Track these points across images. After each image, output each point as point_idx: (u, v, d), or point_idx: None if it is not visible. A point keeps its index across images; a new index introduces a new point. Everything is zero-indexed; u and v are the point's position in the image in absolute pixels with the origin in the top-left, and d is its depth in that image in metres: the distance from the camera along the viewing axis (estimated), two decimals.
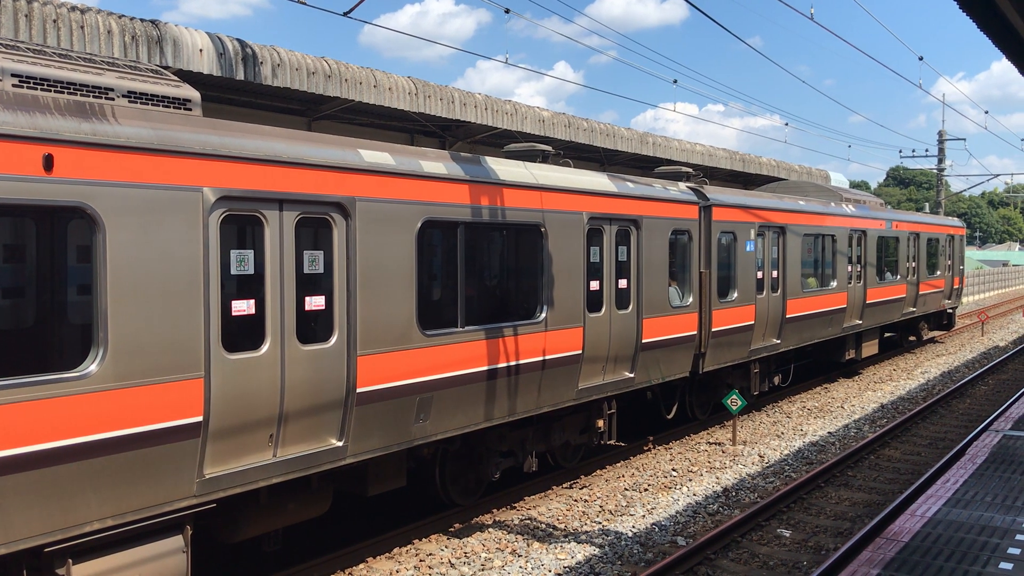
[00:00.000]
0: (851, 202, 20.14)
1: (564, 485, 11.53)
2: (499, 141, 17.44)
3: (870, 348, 21.35)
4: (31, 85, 5.95)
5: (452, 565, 8.56)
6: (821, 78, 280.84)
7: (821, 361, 19.96)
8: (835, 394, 18.55)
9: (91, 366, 5.91)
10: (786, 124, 31.21)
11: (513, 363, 9.53)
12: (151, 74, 6.96)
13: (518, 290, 9.99)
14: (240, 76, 11.57)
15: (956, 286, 27.45)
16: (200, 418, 6.51)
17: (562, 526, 9.80)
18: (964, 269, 29.53)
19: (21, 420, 5.52)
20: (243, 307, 6.95)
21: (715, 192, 14.22)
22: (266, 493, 7.56)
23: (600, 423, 11.54)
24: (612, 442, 11.86)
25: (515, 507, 10.53)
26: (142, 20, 10.54)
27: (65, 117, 5.82)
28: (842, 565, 8.38)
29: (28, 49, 6.27)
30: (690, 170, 14.89)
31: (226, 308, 6.82)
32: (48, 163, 5.62)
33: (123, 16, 10.31)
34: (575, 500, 10.76)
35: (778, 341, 16.00)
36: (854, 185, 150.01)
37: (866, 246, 19.93)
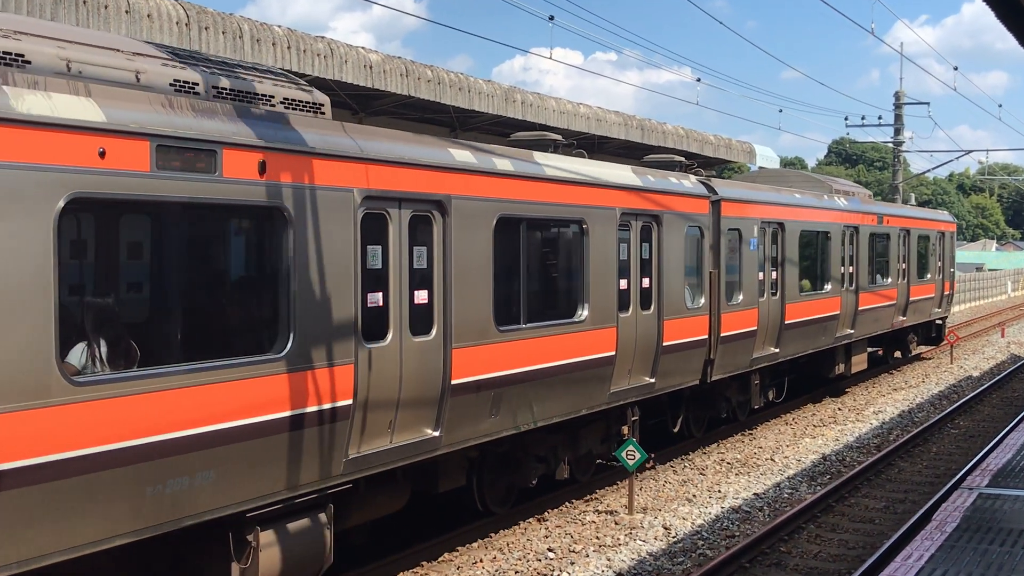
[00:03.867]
0: (841, 194, 25.11)
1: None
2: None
3: (860, 362, 26.27)
4: (224, 96, 9.24)
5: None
6: (742, 19, 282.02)
7: (808, 376, 24.18)
8: (762, 442, 19.50)
9: (285, 348, 9.26)
10: (698, 80, 30.83)
11: (560, 363, 13.38)
12: (286, 79, 10.34)
13: (564, 288, 13.99)
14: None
15: (947, 292, 32.94)
16: (351, 401, 9.95)
17: None
18: (955, 272, 35.47)
19: (239, 397, 8.81)
20: (377, 300, 10.44)
21: (722, 185, 18.58)
22: (364, 483, 10.96)
23: (625, 430, 15.55)
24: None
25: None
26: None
27: (269, 126, 9.17)
28: None
29: (191, 57, 9.55)
30: (683, 159, 19.05)
31: (364, 300, 10.26)
32: (262, 168, 8.96)
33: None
34: None
35: (776, 350, 20.55)
36: (787, 163, 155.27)
37: (858, 245, 24.84)
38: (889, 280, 27.31)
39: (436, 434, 11.41)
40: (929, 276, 31.12)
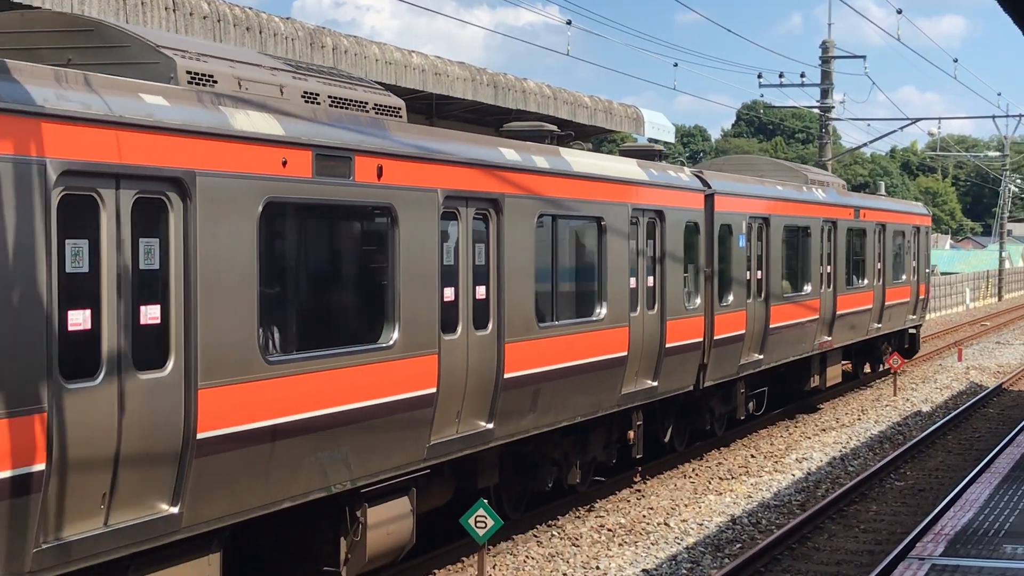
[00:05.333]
0: (818, 185, 28.37)
1: None
2: None
3: (834, 374, 28.93)
4: (339, 105, 12.44)
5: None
6: None
7: (777, 391, 26.48)
8: (653, 501, 18.94)
9: (392, 337, 12.50)
10: (568, 23, 28.49)
11: (583, 361, 16.75)
12: (363, 84, 13.60)
13: (586, 286, 17.30)
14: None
15: (922, 296, 35.46)
16: (435, 389, 13.22)
17: None
18: (930, 273, 38.02)
19: (366, 379, 12.02)
20: (450, 295, 13.73)
21: (714, 178, 22.29)
22: (430, 471, 14.22)
23: (631, 434, 19.05)
24: (640, 456, 19.47)
25: None
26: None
27: (379, 133, 12.42)
28: None
29: (299, 67, 12.74)
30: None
31: (441, 295, 13.55)
32: (380, 172, 12.22)
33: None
34: None
35: (761, 356, 23.71)
36: (685, 133, 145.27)
37: (836, 241, 28.02)
38: (865, 282, 30.05)
39: (490, 426, 14.54)
40: (904, 277, 33.74)
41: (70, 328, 8.80)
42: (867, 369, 33.93)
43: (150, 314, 9.50)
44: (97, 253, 9.05)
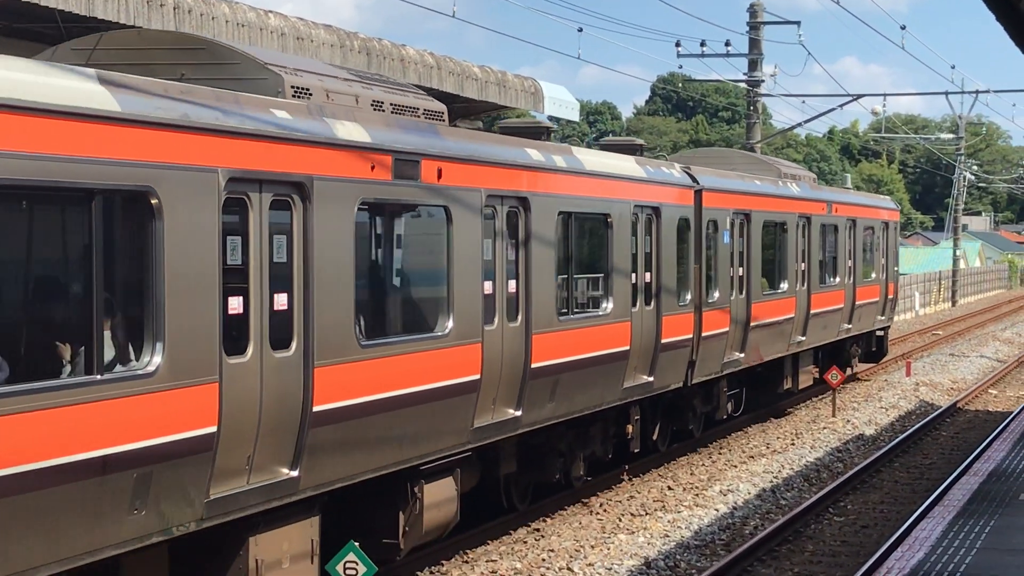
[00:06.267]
0: (791, 179, 31.47)
1: None
2: None
3: (806, 377, 31.75)
4: (398, 112, 15.55)
5: None
6: None
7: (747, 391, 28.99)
8: (554, 541, 18.62)
9: (447, 326, 15.63)
10: None
11: (593, 354, 19.95)
12: (412, 90, 16.74)
13: (595, 281, 20.52)
14: None
15: (891, 296, 38.50)
16: (479, 376, 16.34)
17: None
18: (899, 271, 40.67)
19: (422, 366, 15.15)
20: (488, 288, 16.84)
21: (700, 173, 25.58)
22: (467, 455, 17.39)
23: (629, 428, 22.31)
24: (636, 451, 22.74)
25: None
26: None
27: (435, 137, 15.57)
28: None
29: (363, 75, 15.86)
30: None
31: (482, 288, 16.72)
32: (439, 174, 15.36)
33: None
34: None
35: (741, 355, 26.75)
36: (592, 110, 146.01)
37: (810, 237, 31.21)
38: (837, 280, 32.96)
39: (518, 414, 17.52)
40: (874, 276, 36.74)
41: (230, 312, 11.87)
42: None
43: (280, 301, 12.54)
44: (247, 248, 12.10)
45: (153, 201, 10.83)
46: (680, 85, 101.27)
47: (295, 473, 12.76)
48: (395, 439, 14.56)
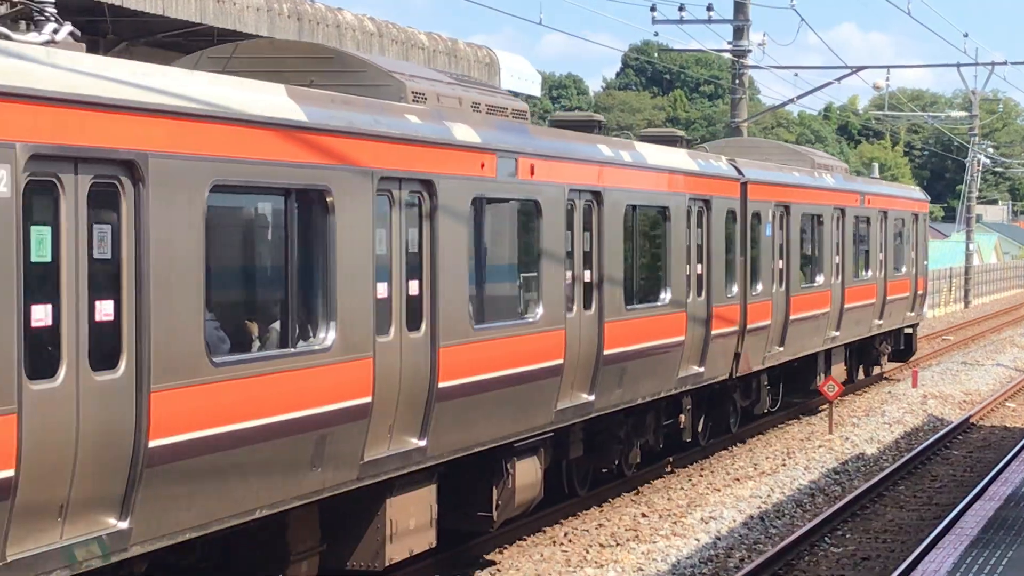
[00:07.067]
0: (825, 169, 34.43)
1: None
2: None
3: (839, 373, 34.11)
4: (492, 113, 18.78)
5: None
6: None
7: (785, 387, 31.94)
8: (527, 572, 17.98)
9: (538, 313, 18.88)
10: None
11: (654, 343, 23.18)
12: (499, 90, 20.01)
13: (653, 273, 23.78)
14: None
15: (920, 291, 40.84)
16: (563, 360, 19.55)
17: None
18: (928, 265, 43.02)
19: (519, 349, 18.34)
20: (569, 278, 20.04)
21: (745, 166, 28.82)
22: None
23: (682, 418, 25.51)
24: (688, 440, 25.96)
25: None
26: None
27: (526, 136, 18.80)
28: None
29: (459, 78, 19.11)
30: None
31: (565, 278, 19.93)
32: (532, 171, 18.63)
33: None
34: None
35: (781, 349, 29.72)
36: (556, 83, 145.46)
37: (844, 230, 34.11)
38: (870, 274, 35.59)
39: (591, 398, 20.58)
40: (904, 270, 39.18)
41: (378, 296, 15.10)
42: (861, 374, 38.72)
43: (411, 289, 15.74)
44: (389, 240, 15.28)
45: (328, 199, 13.77)
46: (656, 55, 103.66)
47: (423, 443, 15.63)
48: (497, 417, 17.56)
